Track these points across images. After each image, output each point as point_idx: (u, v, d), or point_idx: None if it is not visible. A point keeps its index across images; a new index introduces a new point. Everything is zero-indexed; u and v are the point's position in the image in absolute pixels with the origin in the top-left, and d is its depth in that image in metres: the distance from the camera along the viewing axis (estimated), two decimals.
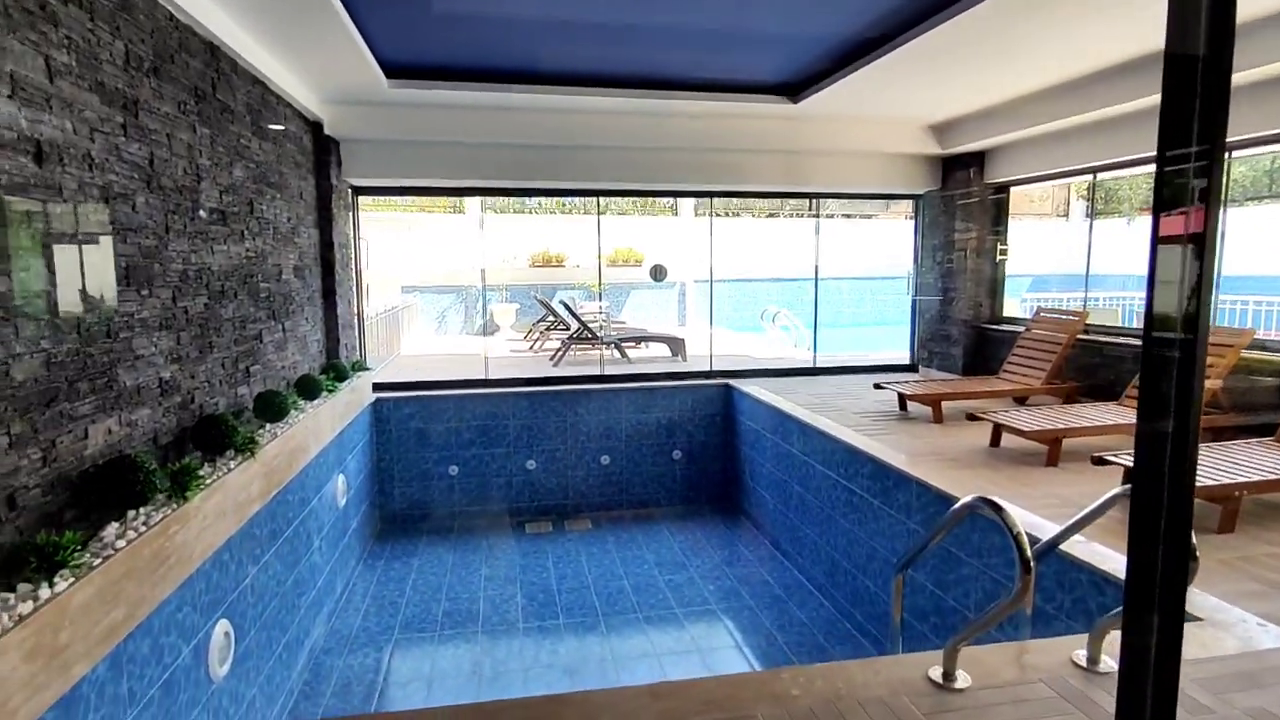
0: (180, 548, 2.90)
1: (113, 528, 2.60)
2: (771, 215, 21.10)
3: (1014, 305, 8.29)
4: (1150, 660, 0.84)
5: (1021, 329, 7.00)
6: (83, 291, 2.66)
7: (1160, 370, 0.76)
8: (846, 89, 5.88)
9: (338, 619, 5.43)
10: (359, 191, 7.32)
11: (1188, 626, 2.50)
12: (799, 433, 6.15)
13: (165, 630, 2.82)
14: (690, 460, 7.89)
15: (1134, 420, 4.86)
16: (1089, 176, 6.71)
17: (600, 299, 10.33)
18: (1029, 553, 1.94)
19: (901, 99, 6.33)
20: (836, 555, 5.49)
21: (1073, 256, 6.85)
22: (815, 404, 6.82)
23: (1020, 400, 6.42)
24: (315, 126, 6.12)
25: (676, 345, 10.00)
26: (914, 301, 8.66)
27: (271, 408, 4.29)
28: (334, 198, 6.34)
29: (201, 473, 3.31)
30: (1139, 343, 4.19)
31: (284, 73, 5.01)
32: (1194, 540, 1.89)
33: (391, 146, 6.84)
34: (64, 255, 2.56)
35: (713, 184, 7.71)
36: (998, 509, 2.02)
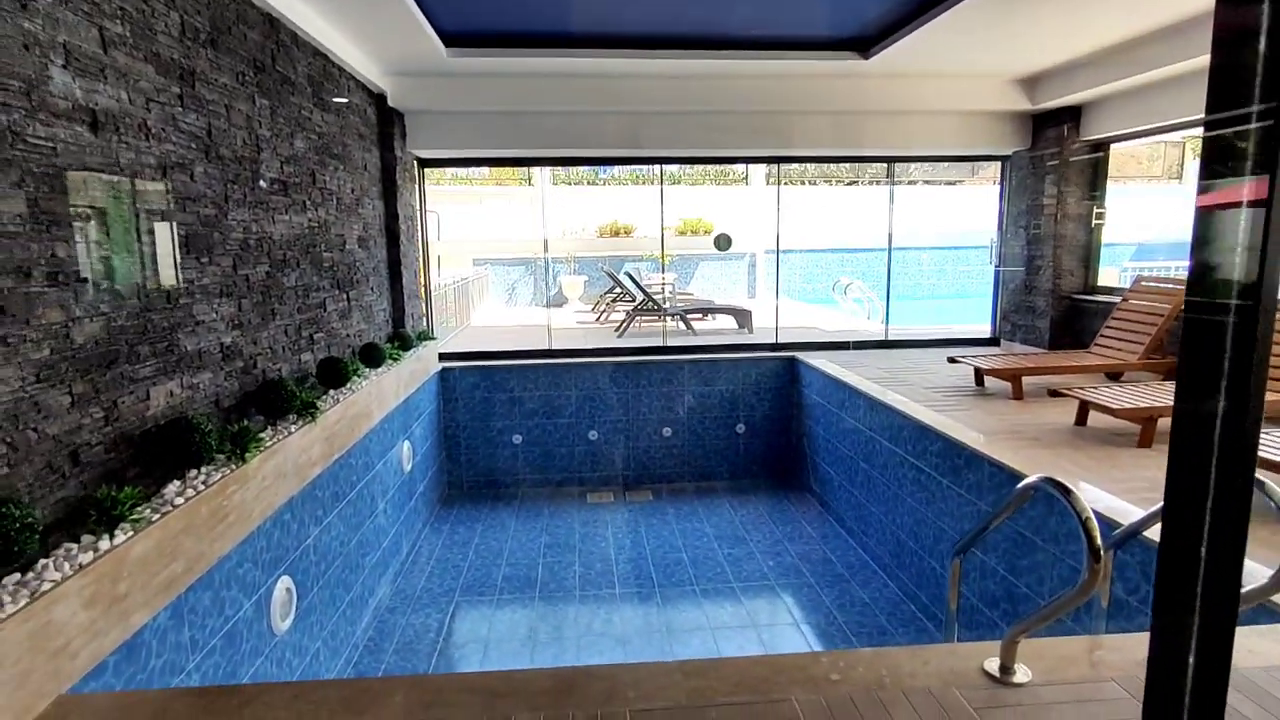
0: (239, 506, 3.01)
1: (173, 486, 2.72)
2: (852, 182, 20.33)
3: (1111, 275, 7.66)
4: (1185, 680, 0.70)
5: (1118, 299, 6.45)
6: (141, 258, 2.76)
7: (1205, 342, 0.61)
8: (923, 41, 5.48)
9: (403, 579, 5.61)
10: (424, 164, 7.41)
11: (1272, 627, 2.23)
12: (866, 407, 5.90)
13: (226, 584, 2.94)
14: (753, 434, 7.74)
15: None
16: (1200, 130, 6.06)
17: (664, 270, 10.18)
18: (1099, 539, 1.74)
19: (985, 50, 5.86)
20: (903, 535, 5.26)
21: (1185, 222, 6.25)
22: (885, 378, 6.52)
23: (1113, 377, 5.94)
24: (379, 99, 6.20)
25: (743, 317, 9.78)
26: (997, 271, 8.14)
27: (334, 374, 4.41)
28: (398, 170, 6.44)
29: (262, 435, 3.43)
30: None
31: (345, 44, 5.07)
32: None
33: (454, 117, 6.87)
34: (122, 223, 2.65)
35: (780, 149, 7.41)
36: (1065, 490, 1.83)
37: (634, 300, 10.49)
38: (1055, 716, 1.85)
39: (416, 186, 7.25)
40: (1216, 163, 0.60)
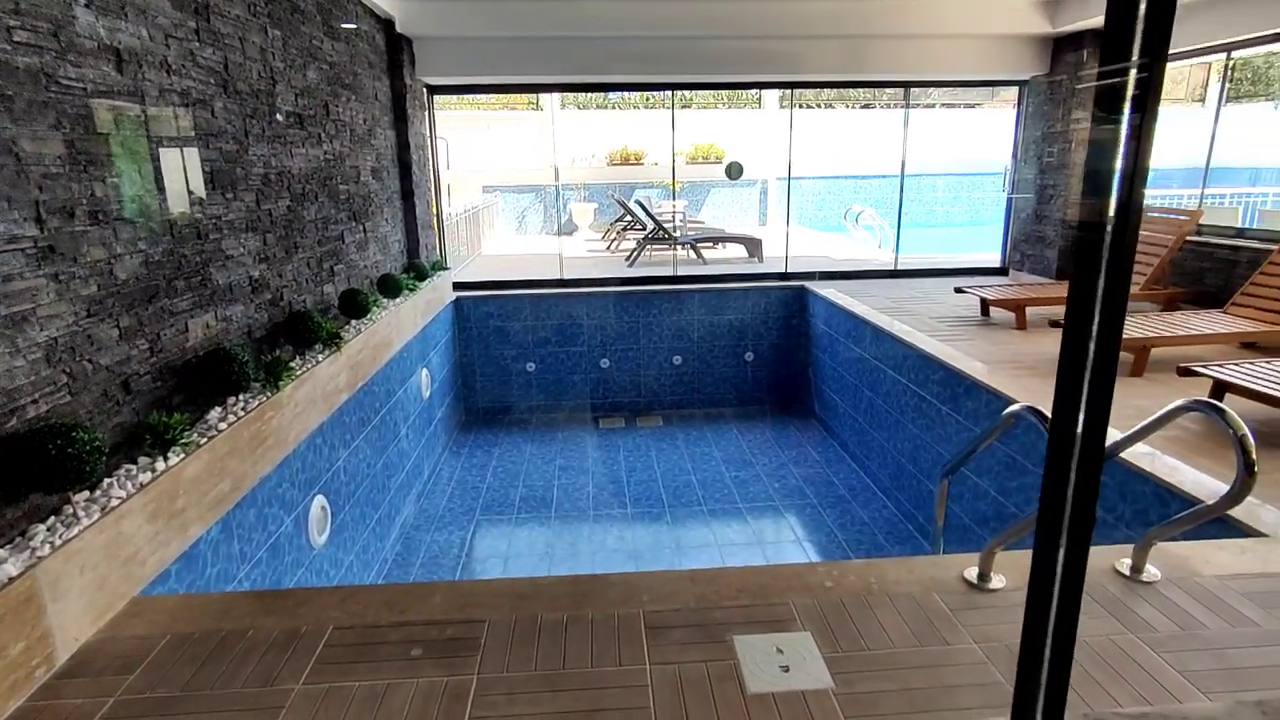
0: (276, 431, 3.22)
1: (215, 412, 2.92)
2: (866, 106, 19.71)
3: None
4: (1062, 522, 0.86)
5: None
6: (172, 196, 2.87)
7: (1091, 246, 0.79)
8: None
9: (425, 500, 5.92)
10: (434, 91, 7.34)
11: (1245, 541, 2.41)
12: (871, 337, 6.03)
13: (268, 503, 3.19)
14: (762, 362, 7.90)
15: (1234, 329, 4.51)
16: (1222, 55, 5.90)
17: (675, 198, 10.12)
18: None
19: None
20: (902, 459, 5.48)
21: (1203, 147, 6.16)
22: (892, 308, 6.62)
23: None
24: (387, 24, 6.11)
25: (753, 246, 9.79)
26: (1009, 200, 8.08)
27: (354, 305, 4.56)
28: (409, 98, 6.39)
29: (292, 364, 3.61)
30: (1257, 245, 3.86)
31: None
32: (1254, 455, 1.81)
33: (463, 43, 6.76)
34: (151, 161, 2.75)
35: (792, 74, 7.27)
36: (1043, 418, 1.98)
37: (644, 229, 10.48)
38: (1022, 615, 2.06)
39: (427, 115, 7.20)
40: (1106, 104, 0.76)
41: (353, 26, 5.21)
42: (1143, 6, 0.71)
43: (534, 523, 5.58)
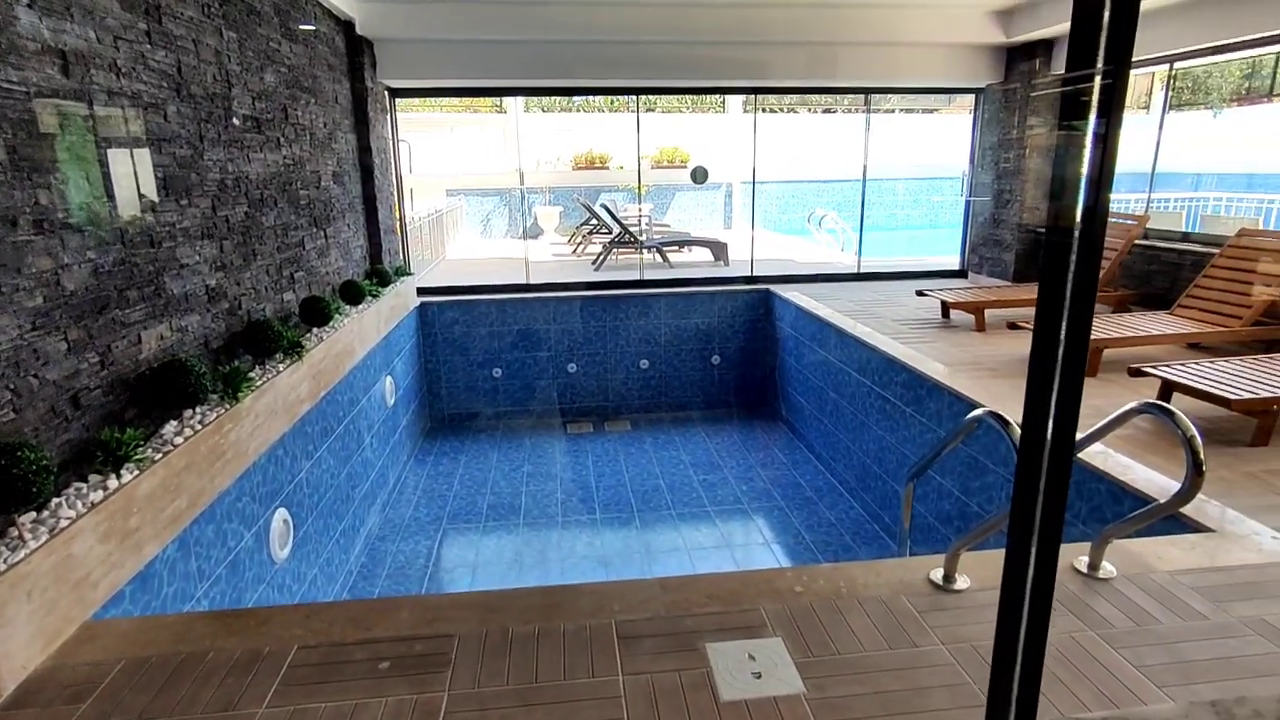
0: (235, 444, 3.14)
1: (171, 426, 2.83)
2: (828, 111, 20.01)
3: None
4: (1027, 574, 0.88)
5: None
6: (123, 202, 2.78)
7: (1059, 249, 0.82)
8: None
9: (391, 509, 5.82)
10: (395, 94, 7.23)
11: (1194, 537, 2.50)
12: (836, 340, 6.11)
13: (227, 518, 3.10)
14: (729, 365, 7.95)
15: (1181, 330, 4.68)
16: (1165, 66, 6.13)
17: (640, 201, 10.15)
18: None
19: None
20: (868, 460, 5.56)
21: (1150, 153, 6.42)
22: (856, 310, 6.72)
23: None
24: (347, 26, 6.00)
25: (719, 249, 9.85)
26: (968, 203, 8.27)
27: (316, 313, 4.47)
28: (370, 101, 6.29)
29: (252, 375, 3.52)
30: (1200, 249, 4.00)
31: None
32: (1202, 455, 1.88)
33: (424, 45, 6.68)
34: (100, 167, 2.66)
35: (755, 79, 7.34)
36: (1004, 422, 2.03)
37: (610, 233, 10.47)
38: (987, 616, 2.11)
39: (389, 118, 7.10)
40: (1071, 111, 0.78)
41: (312, 28, 5.11)
42: (1107, 14, 0.73)
43: (502, 530, 5.52)
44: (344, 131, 5.86)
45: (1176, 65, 6.09)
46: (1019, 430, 1.94)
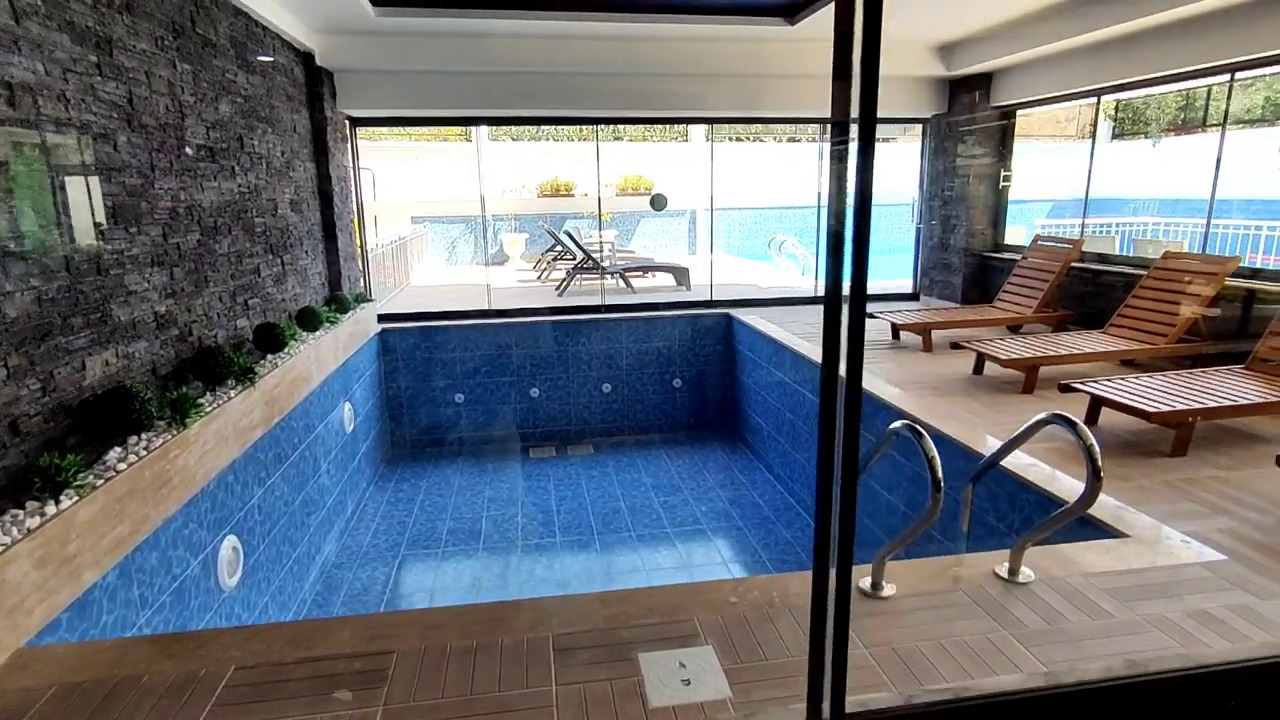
0: (182, 470, 3.13)
1: (115, 452, 2.82)
2: (792, 140, 20.52)
3: (1018, 234, 8.16)
4: (829, 585, 0.98)
5: (1019, 257, 6.93)
6: (69, 231, 2.80)
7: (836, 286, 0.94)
8: None
9: (349, 536, 5.78)
10: (356, 123, 7.31)
11: (1110, 542, 2.64)
12: (791, 361, 6.26)
13: (173, 545, 3.08)
14: (690, 388, 8.06)
15: (1113, 348, 4.91)
16: (1094, 100, 6.48)
17: (600, 229, 10.31)
18: (939, 474, 2.07)
19: (905, 17, 6.11)
20: None
21: (1093, 180, 6.76)
22: (812, 333, 6.89)
23: (1014, 329, 6.44)
24: (306, 57, 6.08)
25: (681, 275, 10.02)
26: (918, 229, 8.56)
27: (270, 339, 4.48)
28: (329, 130, 6.36)
29: (201, 401, 3.53)
30: (1131, 270, 4.24)
31: (268, 2, 4.96)
32: (1099, 463, 2.01)
33: (385, 76, 6.78)
34: (47, 196, 2.69)
35: (710, 110, 7.57)
36: (918, 434, 2.14)
37: (575, 258, 10.59)
38: (910, 620, 2.20)
39: (349, 146, 7.16)
40: (837, 160, 0.91)
41: (270, 60, 5.18)
42: (859, 23, 0.84)
43: (461, 556, 5.51)
44: (303, 160, 5.91)
45: (1104, 98, 6.44)
46: (929, 441, 2.06)
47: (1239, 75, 5.18)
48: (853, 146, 0.88)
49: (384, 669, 2.02)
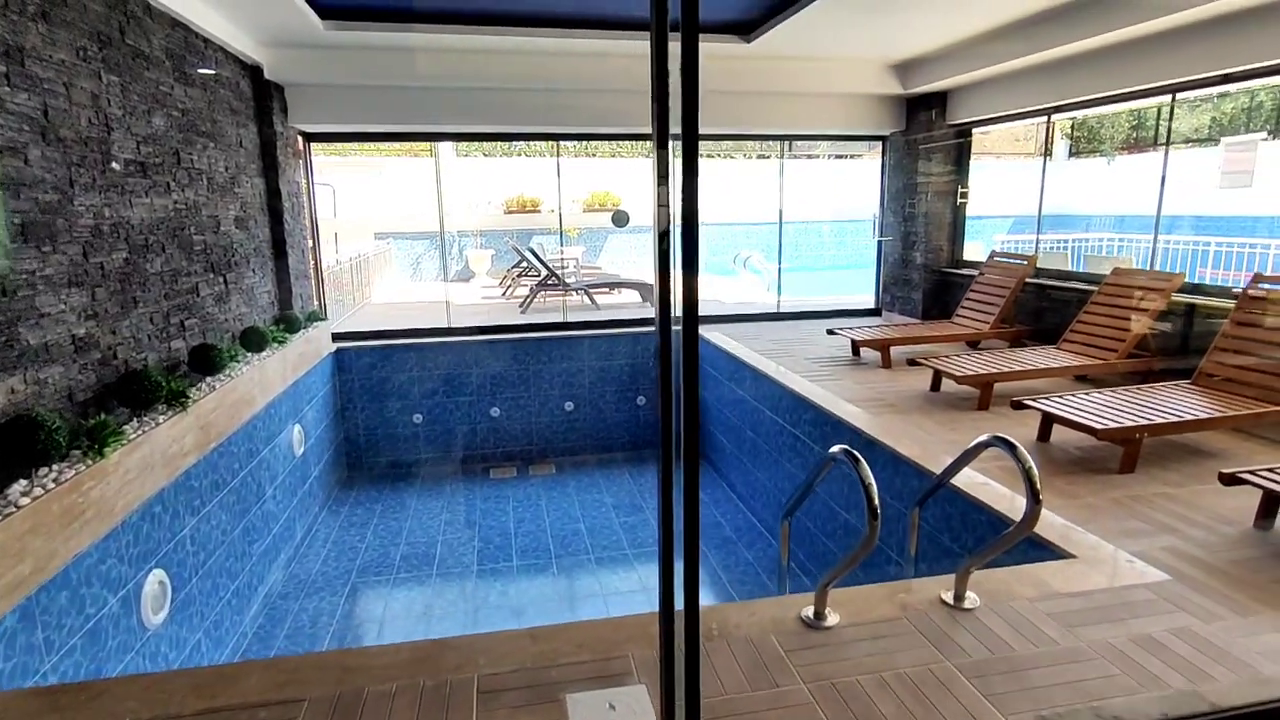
0: (98, 502, 2.95)
1: (19, 485, 2.65)
2: (763, 156, 20.70)
3: (979, 249, 8.25)
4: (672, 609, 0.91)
5: (977, 273, 6.99)
6: None
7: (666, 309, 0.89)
8: (800, 26, 5.70)
9: (297, 564, 5.56)
10: (311, 138, 7.16)
11: (1057, 563, 2.60)
12: (751, 379, 6.21)
13: (86, 582, 2.90)
14: (654, 405, 7.95)
15: (1066, 364, 4.93)
16: (1046, 118, 6.59)
17: (562, 244, 10.23)
18: (876, 502, 2.00)
19: (860, 36, 6.15)
20: (783, 498, 5.61)
21: (1051, 197, 6.89)
22: (773, 349, 6.85)
23: (972, 344, 6.47)
24: (254, 70, 5.94)
25: (645, 291, 9.97)
26: (879, 245, 8.61)
27: (207, 361, 4.31)
28: (280, 145, 6.20)
29: (125, 428, 3.35)
30: (1083, 286, 4.26)
31: (209, 14, 4.83)
32: (1038, 485, 1.96)
33: (339, 91, 6.65)
34: None
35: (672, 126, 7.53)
36: (855, 460, 2.08)
37: (540, 275, 10.49)
38: (852, 652, 2.12)
39: (302, 162, 7.00)
40: (662, 175, 0.89)
41: (211, 72, 5.03)
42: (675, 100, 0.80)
43: (414, 582, 5.34)
44: (250, 175, 5.75)
45: (1055, 117, 6.54)
46: (865, 467, 1.99)
47: (1179, 95, 5.28)
48: (675, 164, 0.82)
49: (291, 719, 1.89)
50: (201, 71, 4.85)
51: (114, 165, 3.63)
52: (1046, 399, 3.98)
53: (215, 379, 4.46)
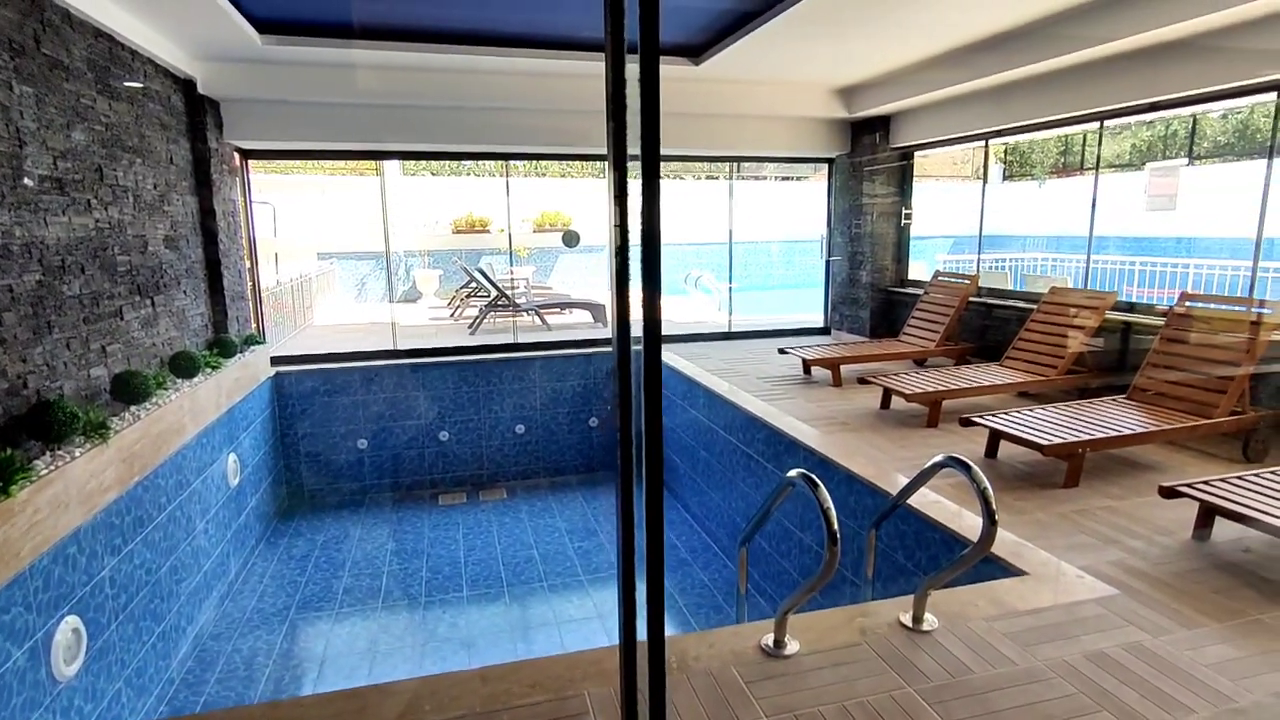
0: (0, 546, 2.71)
1: None
2: (710, 177, 20.97)
3: (924, 268, 8.47)
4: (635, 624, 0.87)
5: (921, 292, 7.16)
6: None
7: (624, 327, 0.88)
8: (748, 50, 5.78)
9: (230, 602, 5.26)
10: (248, 155, 6.91)
11: (1010, 581, 2.61)
12: (705, 399, 6.18)
13: None
14: (606, 427, 7.88)
15: (1009, 380, 5.04)
16: (983, 142, 6.82)
17: (511, 264, 10.12)
18: (835, 527, 1.97)
19: (806, 61, 6.27)
20: (738, 518, 5.58)
21: (987, 219, 7.14)
22: (725, 369, 6.86)
23: (920, 362, 6.59)
24: (187, 85, 5.70)
25: (597, 311, 9.91)
26: (828, 264, 8.75)
27: (130, 389, 4.05)
28: (215, 161, 5.96)
29: (35, 463, 3.11)
30: (1023, 305, 4.35)
31: (136, 25, 4.61)
32: (994, 506, 1.95)
33: (278, 107, 6.44)
34: None
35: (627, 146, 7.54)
36: (813, 484, 2.04)
37: (489, 295, 10.33)
38: (813, 681, 2.07)
39: (239, 179, 6.74)
40: (619, 195, 0.88)
41: (139, 86, 4.80)
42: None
43: (358, 616, 5.10)
44: (181, 194, 5.49)
45: (992, 141, 6.78)
46: (824, 491, 1.95)
47: (1108, 123, 5.53)
48: (634, 184, 0.79)
49: None
50: (128, 84, 4.62)
51: (26, 181, 3.40)
52: (993, 416, 4.05)
53: (140, 408, 4.20)
